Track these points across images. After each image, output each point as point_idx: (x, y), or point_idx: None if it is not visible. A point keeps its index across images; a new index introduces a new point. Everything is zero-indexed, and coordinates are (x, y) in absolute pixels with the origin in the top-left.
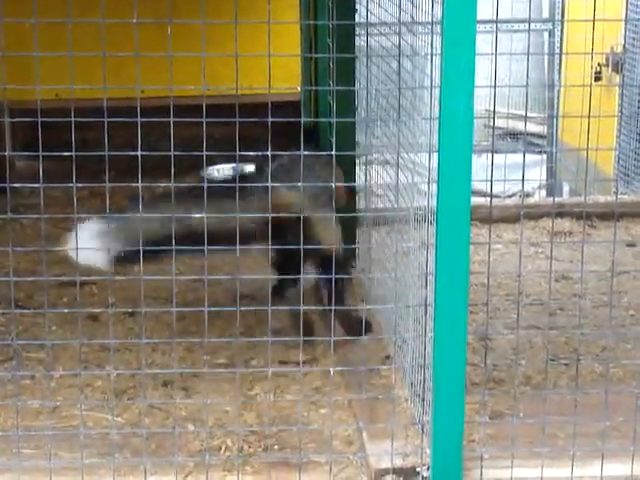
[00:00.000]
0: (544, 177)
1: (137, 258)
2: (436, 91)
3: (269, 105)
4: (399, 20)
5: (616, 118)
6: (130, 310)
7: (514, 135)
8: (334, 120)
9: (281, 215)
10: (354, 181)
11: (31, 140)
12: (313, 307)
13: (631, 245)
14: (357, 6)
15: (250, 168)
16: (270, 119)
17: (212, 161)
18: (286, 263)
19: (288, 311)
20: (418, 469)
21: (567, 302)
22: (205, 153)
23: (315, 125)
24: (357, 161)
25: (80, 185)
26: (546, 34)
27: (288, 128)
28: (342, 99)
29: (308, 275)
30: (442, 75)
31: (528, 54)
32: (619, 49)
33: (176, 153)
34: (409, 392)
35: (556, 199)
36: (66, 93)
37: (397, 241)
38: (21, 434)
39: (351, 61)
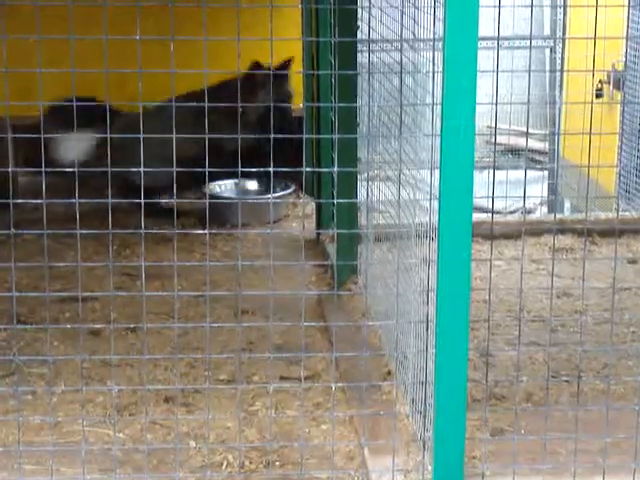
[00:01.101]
0: (545, 194)
1: None
2: (438, 108)
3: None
4: (401, 37)
5: (617, 135)
6: (132, 326)
7: (515, 152)
8: (336, 136)
9: None
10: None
11: (33, 156)
12: None
13: (632, 262)
14: (359, 23)
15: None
16: (272, 135)
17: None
18: None
19: None
20: None
21: (568, 319)
22: (207, 170)
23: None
24: (359, 177)
25: (83, 201)
26: (547, 51)
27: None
28: (344, 115)
29: None
30: (443, 92)
31: (530, 71)
32: (620, 66)
33: (178, 169)
34: (410, 408)
35: (557, 216)
36: None
37: (398, 257)
38: (22, 449)
39: (353, 77)
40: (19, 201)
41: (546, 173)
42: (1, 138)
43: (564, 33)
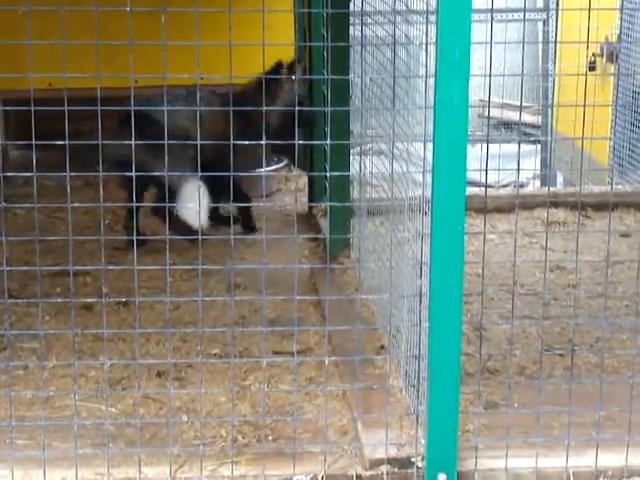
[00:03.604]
0: (538, 167)
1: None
2: (431, 80)
3: (263, 92)
4: (394, 9)
5: (610, 108)
6: (124, 300)
7: (508, 125)
8: (328, 109)
9: None
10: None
11: (24, 130)
12: None
13: (625, 235)
14: None
15: None
16: (265, 108)
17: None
18: None
19: None
20: (413, 459)
21: (561, 292)
22: (199, 142)
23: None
24: (351, 151)
25: (73, 174)
26: (541, 24)
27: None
28: (336, 88)
29: None
30: (437, 64)
31: (523, 43)
32: (614, 39)
33: (170, 142)
34: (404, 382)
35: (550, 189)
36: (59, 82)
37: (392, 231)
38: (14, 424)
39: (345, 50)
40: (10, 174)
41: (539, 146)
42: None
43: (557, 5)
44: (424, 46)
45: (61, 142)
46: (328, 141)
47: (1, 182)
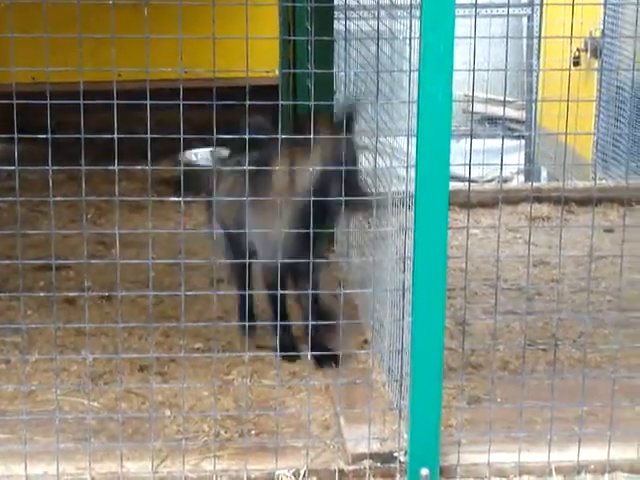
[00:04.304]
0: (522, 162)
1: None
2: (415, 75)
3: (247, 88)
4: (378, 3)
5: (594, 103)
6: (106, 294)
7: (492, 120)
8: (312, 103)
9: None
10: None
11: (7, 123)
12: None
13: (609, 231)
14: None
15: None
16: (248, 102)
17: (190, 145)
18: None
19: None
20: (395, 454)
21: (545, 287)
22: (183, 136)
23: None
24: None
25: (56, 168)
26: (525, 19)
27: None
28: (321, 82)
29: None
30: (421, 58)
31: (507, 38)
32: (598, 34)
33: (153, 136)
34: (387, 377)
35: (534, 184)
36: (42, 76)
37: (375, 225)
38: None
39: (330, 44)
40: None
41: (523, 142)
42: None
43: (541, 0)
44: (408, 41)
45: (44, 136)
46: (312, 135)
47: None
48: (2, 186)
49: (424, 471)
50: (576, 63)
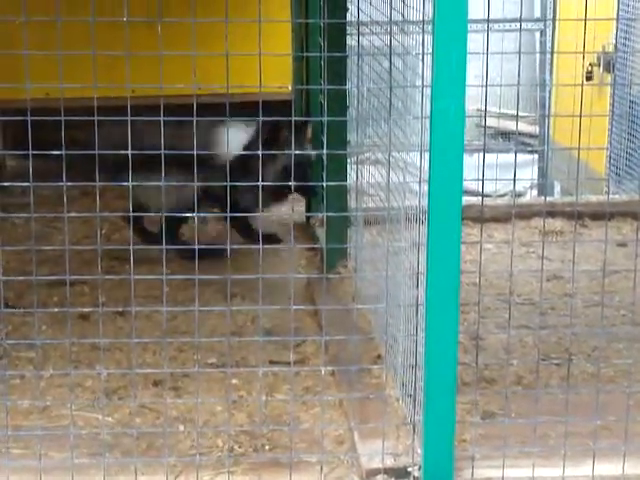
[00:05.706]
0: (536, 177)
1: None
2: (427, 90)
3: (260, 103)
4: (390, 19)
5: (607, 118)
6: (121, 309)
7: (506, 135)
8: (325, 119)
9: None
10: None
11: (22, 139)
12: None
13: (622, 245)
14: (348, 5)
15: None
16: (261, 118)
17: None
18: None
19: None
20: (409, 469)
21: (558, 302)
22: (195, 152)
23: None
24: (348, 160)
25: (70, 184)
26: (538, 34)
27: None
28: (333, 98)
29: None
30: (433, 74)
31: (520, 53)
32: (610, 49)
33: (167, 152)
34: (400, 392)
35: (547, 199)
36: (57, 92)
37: (388, 240)
38: (10, 434)
39: (342, 60)
40: (6, 184)
41: (536, 156)
42: None
43: (554, 15)
44: (420, 56)
45: (58, 152)
46: (325, 151)
47: None
48: (17, 202)
49: None
50: (589, 78)
